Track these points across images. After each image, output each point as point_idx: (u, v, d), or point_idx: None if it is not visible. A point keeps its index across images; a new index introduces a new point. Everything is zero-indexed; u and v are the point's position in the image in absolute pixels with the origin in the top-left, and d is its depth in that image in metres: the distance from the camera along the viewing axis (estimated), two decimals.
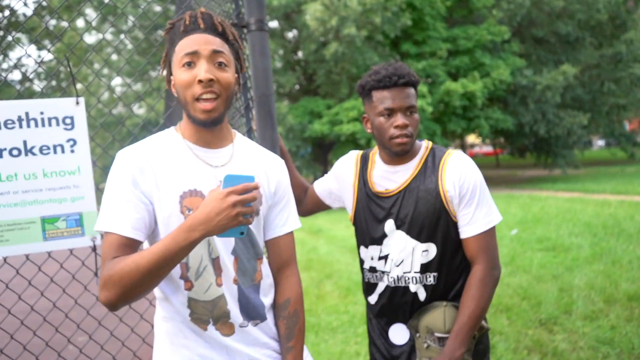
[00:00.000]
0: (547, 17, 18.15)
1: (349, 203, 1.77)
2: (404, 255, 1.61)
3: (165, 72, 1.28)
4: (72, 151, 1.70)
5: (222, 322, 1.24)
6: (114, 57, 20.59)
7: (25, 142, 1.64)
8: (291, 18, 16.70)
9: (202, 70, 1.14)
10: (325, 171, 15.38)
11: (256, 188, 1.07)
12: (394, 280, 1.64)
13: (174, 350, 1.24)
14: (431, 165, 1.62)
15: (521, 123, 17.61)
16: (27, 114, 1.64)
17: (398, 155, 1.62)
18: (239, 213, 1.04)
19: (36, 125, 1.65)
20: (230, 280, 1.25)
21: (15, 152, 1.63)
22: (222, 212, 1.03)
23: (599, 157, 32.90)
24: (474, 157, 30.06)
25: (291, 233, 1.38)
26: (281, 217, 1.36)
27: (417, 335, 1.61)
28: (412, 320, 1.63)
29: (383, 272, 1.67)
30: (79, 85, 1.73)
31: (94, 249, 1.74)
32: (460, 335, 1.50)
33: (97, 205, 1.76)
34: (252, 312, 1.28)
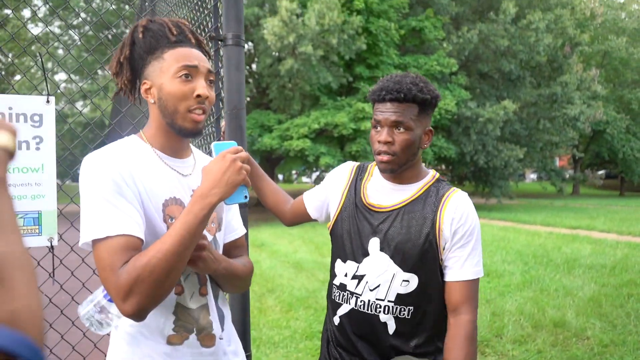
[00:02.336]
0: (492, 54, 19.14)
1: (333, 210, 1.62)
2: (382, 281, 1.46)
3: (125, 74, 1.22)
4: (38, 148, 1.67)
5: (205, 333, 1.23)
6: (60, 52, 19.79)
7: None
8: (248, 31, 16.74)
9: (202, 86, 1.18)
10: None
11: (242, 151, 1.14)
12: (363, 304, 1.49)
13: None
14: (434, 195, 1.49)
15: (463, 152, 18.35)
16: None
17: (383, 172, 1.50)
18: (241, 167, 1.10)
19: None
20: (210, 290, 1.27)
21: None
22: (227, 170, 1.08)
23: (531, 189, 34.69)
24: None
25: None
26: (237, 220, 1.45)
27: None
28: None
29: (352, 293, 1.51)
30: (17, 78, 1.71)
31: (50, 248, 1.71)
32: None
33: (57, 204, 1.74)
34: (223, 324, 1.30)
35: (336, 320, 1.56)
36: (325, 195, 1.67)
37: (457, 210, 1.45)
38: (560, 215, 15.59)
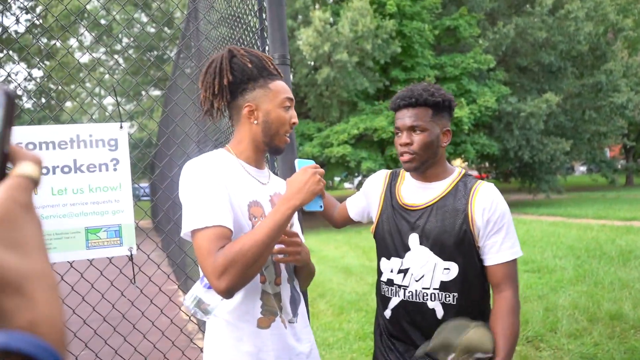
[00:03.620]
0: (530, 47, 18.76)
1: (374, 215, 1.81)
2: (425, 271, 1.62)
3: (226, 96, 1.42)
4: (115, 169, 1.89)
5: (280, 316, 1.42)
6: (106, 77, 20.75)
7: (75, 161, 1.83)
8: None
9: (296, 116, 1.49)
10: None
11: (319, 167, 1.36)
12: (412, 294, 1.64)
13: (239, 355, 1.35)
14: (462, 189, 1.65)
15: (506, 148, 18.03)
16: (77, 136, 1.83)
17: (407, 171, 1.69)
18: (320, 179, 1.33)
19: (85, 146, 1.85)
20: (285, 279, 1.47)
21: (66, 169, 1.82)
22: (308, 180, 1.31)
23: (581, 182, 33.56)
24: None
25: None
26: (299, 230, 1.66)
27: (451, 357, 1.50)
28: (434, 341, 1.55)
29: (400, 286, 1.67)
30: (68, 104, 1.93)
31: (130, 257, 1.91)
32: None
33: (134, 218, 1.95)
34: (298, 308, 1.50)
35: (387, 313, 1.72)
36: (365, 201, 1.88)
37: (487, 200, 1.61)
38: (613, 207, 15.05)
